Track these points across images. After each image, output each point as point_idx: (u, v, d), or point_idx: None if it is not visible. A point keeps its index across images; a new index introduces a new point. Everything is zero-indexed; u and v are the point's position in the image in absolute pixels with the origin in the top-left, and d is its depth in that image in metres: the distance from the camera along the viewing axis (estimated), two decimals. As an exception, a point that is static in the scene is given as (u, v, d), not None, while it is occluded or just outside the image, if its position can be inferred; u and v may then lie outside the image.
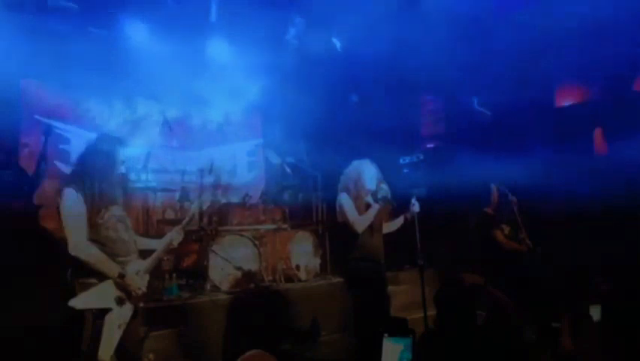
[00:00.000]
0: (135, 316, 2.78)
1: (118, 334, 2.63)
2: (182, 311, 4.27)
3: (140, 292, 2.77)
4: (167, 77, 5.92)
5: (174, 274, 4.83)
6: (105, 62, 5.73)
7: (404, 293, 5.20)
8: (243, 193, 5.90)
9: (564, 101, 5.75)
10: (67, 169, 5.20)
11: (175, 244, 3.06)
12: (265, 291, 4.96)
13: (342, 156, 4.31)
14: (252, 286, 4.96)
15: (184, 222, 3.14)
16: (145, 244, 3.07)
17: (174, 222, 4.70)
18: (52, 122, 5.64)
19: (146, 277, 2.88)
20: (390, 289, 4.26)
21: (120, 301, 2.68)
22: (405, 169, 7.13)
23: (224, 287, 4.87)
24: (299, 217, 6.17)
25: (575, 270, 4.25)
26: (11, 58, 4.91)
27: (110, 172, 2.78)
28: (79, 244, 2.60)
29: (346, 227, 3.73)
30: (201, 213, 4.99)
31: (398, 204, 4.02)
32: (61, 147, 5.78)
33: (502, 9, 5.32)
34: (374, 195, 3.80)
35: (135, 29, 5.71)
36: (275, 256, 5.50)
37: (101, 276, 2.65)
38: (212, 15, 5.76)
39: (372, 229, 3.75)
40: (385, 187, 3.84)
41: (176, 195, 5.79)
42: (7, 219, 4.29)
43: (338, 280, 5.24)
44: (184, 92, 6.49)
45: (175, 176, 6.24)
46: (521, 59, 5.53)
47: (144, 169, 5.34)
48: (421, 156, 7.02)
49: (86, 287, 2.62)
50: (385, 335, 2.06)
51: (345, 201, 3.75)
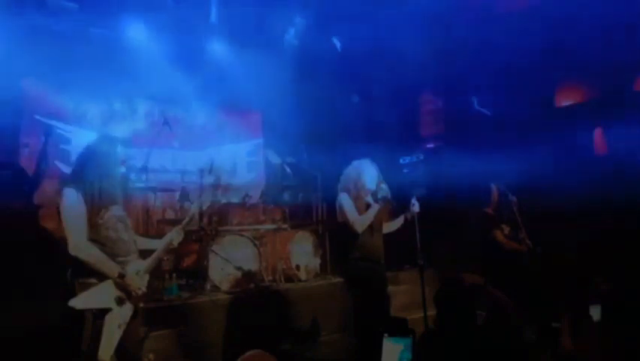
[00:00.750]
0: (135, 316, 2.77)
1: (118, 334, 2.63)
2: (182, 311, 4.27)
3: (140, 292, 2.77)
4: (167, 77, 5.92)
5: (174, 274, 4.82)
6: (105, 62, 5.73)
7: (404, 293, 5.20)
8: (243, 193, 5.89)
9: (564, 101, 5.74)
10: (67, 169, 5.21)
11: (175, 244, 3.06)
12: (265, 291, 4.96)
13: (342, 156, 4.31)
14: (252, 286, 4.96)
15: (184, 222, 3.14)
16: (145, 244, 3.06)
17: (174, 222, 4.70)
18: (52, 122, 5.65)
19: (146, 277, 2.88)
20: (390, 289, 4.26)
21: (120, 301, 2.67)
22: (405, 169, 7.13)
23: (224, 287, 4.87)
24: (299, 217, 6.17)
25: (575, 270, 4.25)
26: (11, 58, 4.92)
27: (110, 172, 2.78)
28: (79, 244, 2.60)
29: (346, 227, 3.73)
30: (201, 213, 4.99)
31: (398, 204, 4.02)
32: (61, 147, 5.78)
33: (503, 9, 5.32)
34: (374, 195, 3.79)
35: (135, 29, 5.72)
36: (275, 256, 5.50)
37: (101, 276, 2.64)
38: (212, 15, 5.77)
39: (372, 229, 3.75)
40: (385, 187, 3.83)
41: (176, 195, 5.79)
42: (7, 219, 4.29)
43: (338, 280, 5.24)
44: (184, 92, 6.49)
45: (175, 176, 6.24)
46: (521, 59, 5.53)
47: (144, 169, 5.33)
48: (421, 156, 7.02)
49: (86, 287, 2.62)
50: (385, 335, 2.06)
51: (345, 201, 3.75)
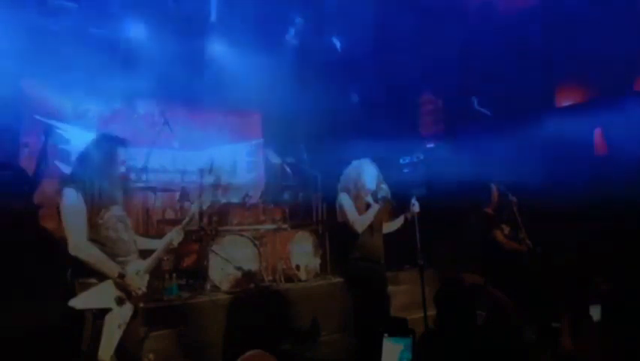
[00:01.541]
0: (135, 316, 2.77)
1: (118, 334, 2.63)
2: (182, 311, 4.27)
3: (140, 292, 2.77)
4: (167, 77, 5.92)
5: (174, 274, 4.83)
6: (105, 62, 5.73)
7: (404, 293, 5.20)
8: (243, 193, 5.89)
9: (564, 101, 5.74)
10: (67, 169, 5.21)
11: (175, 244, 3.06)
12: (265, 291, 4.96)
13: (342, 156, 4.31)
14: (252, 286, 4.96)
15: (184, 222, 3.14)
16: (145, 244, 3.06)
17: (174, 222, 4.70)
18: (52, 122, 5.65)
19: (146, 277, 2.88)
20: (390, 289, 4.26)
21: (120, 301, 2.68)
22: (405, 169, 7.13)
23: (224, 287, 4.87)
24: (299, 217, 6.17)
25: (575, 270, 4.25)
26: (11, 58, 4.92)
27: (110, 172, 2.78)
28: (79, 244, 2.60)
29: (346, 227, 3.73)
30: (201, 213, 4.99)
31: (398, 204, 4.02)
32: (61, 147, 5.78)
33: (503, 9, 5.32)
34: (374, 195, 3.79)
35: (135, 29, 5.71)
36: (275, 256, 5.50)
37: (101, 276, 2.64)
38: (212, 15, 5.77)
39: (372, 229, 3.75)
40: (385, 187, 3.83)
41: (176, 195, 5.79)
42: (7, 219, 4.29)
43: (338, 280, 5.24)
44: (184, 92, 6.49)
45: (175, 176, 6.24)
46: (522, 59, 5.53)
47: (144, 169, 5.33)
48: (421, 156, 7.02)
49: (86, 287, 2.62)
50: (385, 335, 2.06)
51: (345, 201, 3.75)
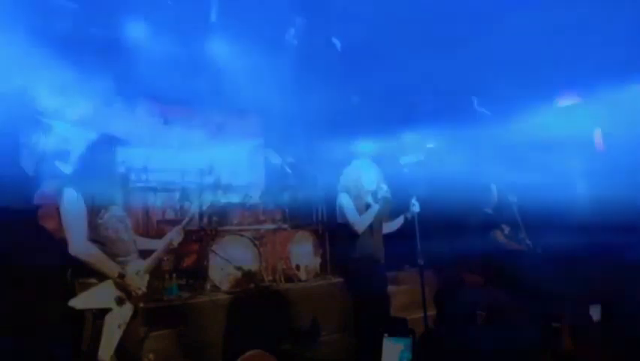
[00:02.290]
0: (135, 316, 2.78)
1: (118, 334, 2.63)
2: (182, 311, 4.27)
3: (140, 292, 2.78)
4: (167, 77, 5.92)
5: (174, 274, 4.83)
6: (105, 62, 5.73)
7: (404, 293, 5.20)
8: (243, 193, 5.89)
9: (564, 101, 5.74)
10: (67, 169, 5.20)
11: (175, 244, 3.07)
12: (265, 291, 4.96)
13: (342, 156, 4.31)
14: (252, 286, 4.96)
15: (184, 222, 3.14)
16: (145, 244, 3.07)
17: (174, 222, 4.69)
18: (52, 122, 5.65)
19: (146, 277, 2.88)
20: (390, 289, 4.26)
21: (120, 301, 2.68)
22: (405, 169, 7.12)
23: (224, 287, 4.87)
24: (299, 217, 6.17)
25: (575, 270, 4.25)
26: (11, 58, 4.92)
27: (110, 172, 2.78)
28: (79, 244, 2.60)
29: (346, 227, 3.73)
30: (201, 213, 4.99)
31: (398, 204, 4.02)
32: (61, 147, 5.78)
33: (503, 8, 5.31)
34: (374, 195, 3.80)
35: (135, 29, 5.71)
36: (275, 256, 5.50)
37: (101, 276, 2.65)
38: (212, 15, 5.77)
39: (372, 229, 3.75)
40: (385, 187, 3.84)
41: (176, 195, 5.79)
42: (7, 219, 4.29)
43: (338, 280, 5.24)
44: (184, 92, 6.49)
45: (175, 176, 6.24)
46: (521, 59, 5.52)
47: (144, 169, 5.33)
48: (421, 156, 7.02)
49: (86, 287, 2.62)
50: (385, 335, 2.07)
51: (345, 201, 3.76)
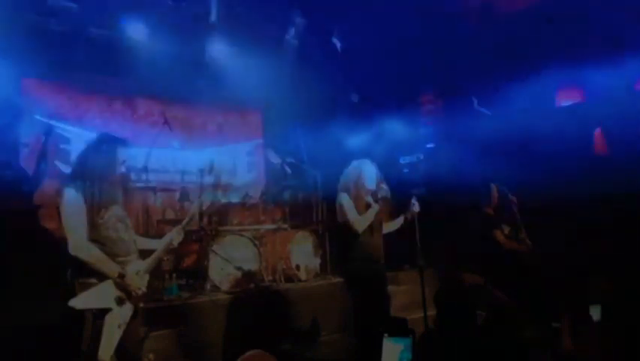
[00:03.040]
0: (135, 316, 2.77)
1: (118, 334, 2.63)
2: (182, 311, 4.27)
3: (140, 292, 2.77)
4: (167, 76, 5.92)
5: (174, 274, 4.83)
6: (105, 62, 5.73)
7: (404, 293, 5.20)
8: (243, 193, 5.89)
9: (564, 101, 5.74)
10: (67, 169, 5.20)
11: (175, 244, 3.05)
12: (265, 291, 4.96)
13: (342, 155, 4.31)
14: (252, 286, 4.96)
15: (184, 222, 3.13)
16: (145, 244, 3.06)
17: (174, 222, 4.70)
18: (52, 122, 5.65)
19: (146, 277, 2.88)
20: (390, 289, 4.26)
21: (120, 301, 2.67)
22: (405, 169, 7.12)
23: (224, 287, 4.87)
24: (299, 217, 6.16)
25: (575, 270, 4.25)
26: (11, 57, 4.92)
27: (110, 172, 2.77)
28: (79, 244, 2.60)
29: (346, 227, 3.73)
30: (201, 213, 4.99)
31: (398, 204, 4.02)
32: (61, 147, 5.78)
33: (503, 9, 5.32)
34: (374, 195, 3.79)
35: (135, 29, 5.71)
36: (275, 256, 5.49)
37: (101, 276, 2.64)
38: (212, 15, 5.77)
39: (372, 229, 3.75)
40: (385, 187, 3.83)
41: (176, 195, 5.79)
42: (7, 219, 4.29)
43: (338, 280, 5.23)
44: (184, 92, 6.49)
45: (175, 176, 6.24)
46: (521, 59, 5.52)
47: (144, 169, 5.33)
48: (421, 156, 7.02)
49: (86, 287, 2.61)
50: (385, 335, 2.07)
51: (345, 201, 3.75)
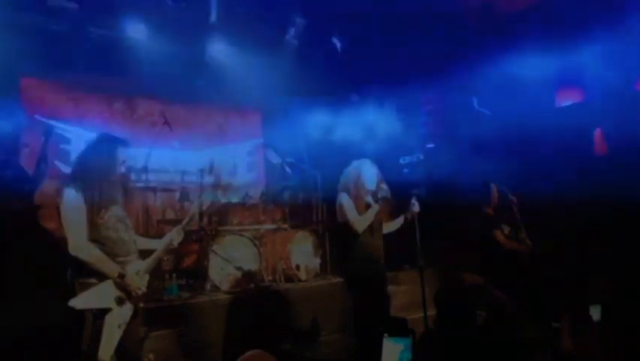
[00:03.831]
0: (135, 316, 2.77)
1: (118, 334, 2.63)
2: (182, 311, 4.27)
3: (140, 292, 2.77)
4: (167, 76, 5.92)
5: (174, 274, 4.83)
6: (105, 61, 5.73)
7: (404, 293, 5.20)
8: (243, 193, 5.90)
9: (564, 101, 5.74)
10: (67, 169, 5.21)
11: (175, 244, 3.06)
12: (265, 291, 4.96)
13: (342, 156, 4.31)
14: (252, 286, 4.96)
15: (184, 222, 3.13)
16: (145, 244, 3.06)
17: (174, 222, 4.70)
18: (53, 122, 5.66)
19: (146, 277, 2.88)
20: (390, 289, 4.25)
21: (120, 301, 2.67)
22: (405, 169, 7.12)
23: (224, 287, 4.87)
24: (299, 217, 6.16)
25: (575, 270, 4.25)
26: (11, 57, 4.92)
27: (110, 172, 2.78)
28: (79, 244, 2.60)
29: (346, 227, 3.72)
30: (201, 213, 4.99)
31: (398, 204, 4.02)
32: (61, 147, 5.79)
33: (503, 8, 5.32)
34: (374, 195, 3.79)
35: (135, 29, 5.71)
36: (275, 256, 5.50)
37: (101, 276, 2.64)
38: (213, 15, 5.77)
39: (372, 229, 3.74)
40: (385, 187, 3.83)
41: (176, 195, 5.79)
42: (7, 219, 4.29)
43: (338, 280, 5.24)
44: (184, 92, 6.49)
45: (175, 176, 6.24)
46: (521, 59, 5.52)
47: (144, 169, 5.33)
48: (421, 156, 7.01)
49: (86, 287, 2.62)
50: (385, 335, 2.07)
51: (345, 201, 3.75)
